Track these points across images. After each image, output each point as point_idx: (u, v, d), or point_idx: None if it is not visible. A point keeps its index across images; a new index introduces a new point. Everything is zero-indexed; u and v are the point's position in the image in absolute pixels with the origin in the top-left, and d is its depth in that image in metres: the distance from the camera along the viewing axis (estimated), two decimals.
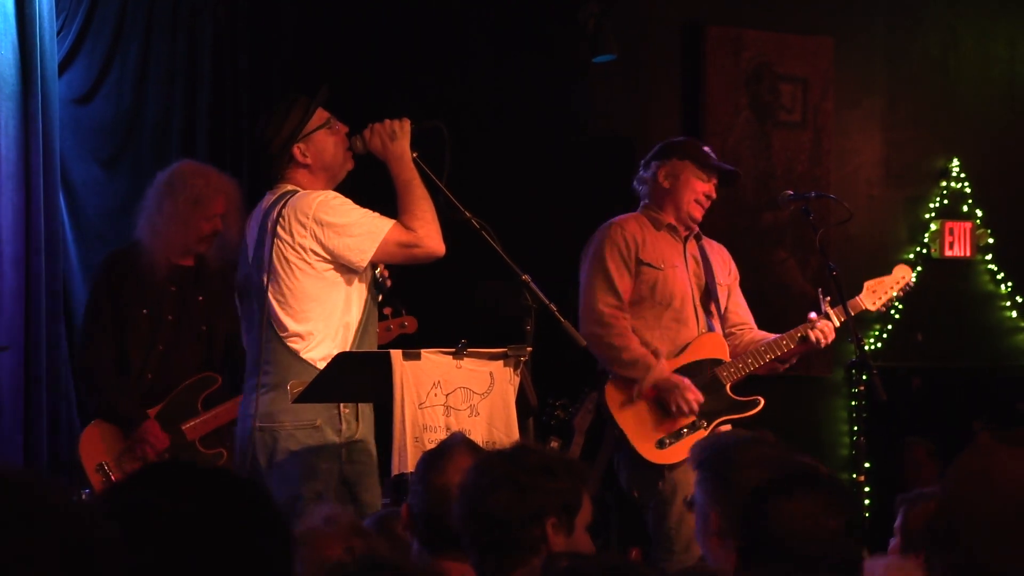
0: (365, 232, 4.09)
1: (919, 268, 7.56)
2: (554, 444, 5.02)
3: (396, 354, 3.86)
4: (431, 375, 3.89)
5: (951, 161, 7.65)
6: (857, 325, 5.11)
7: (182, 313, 5.09)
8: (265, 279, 4.10)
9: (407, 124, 4.21)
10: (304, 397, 3.94)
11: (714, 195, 5.21)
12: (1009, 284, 7.73)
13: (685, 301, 5.13)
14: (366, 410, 4.14)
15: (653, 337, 5.09)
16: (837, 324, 5.12)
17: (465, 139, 4.50)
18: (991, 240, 7.71)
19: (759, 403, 5.12)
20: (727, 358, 5.13)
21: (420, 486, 3.07)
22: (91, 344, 5.07)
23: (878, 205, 7.53)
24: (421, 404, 3.86)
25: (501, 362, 4.00)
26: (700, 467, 3.28)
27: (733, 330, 5.27)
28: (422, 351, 3.90)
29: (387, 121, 4.21)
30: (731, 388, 5.11)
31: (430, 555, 2.96)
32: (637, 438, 5.02)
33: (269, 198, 4.21)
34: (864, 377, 4.93)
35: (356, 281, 4.17)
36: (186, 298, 5.11)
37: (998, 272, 7.73)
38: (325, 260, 4.08)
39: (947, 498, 1.87)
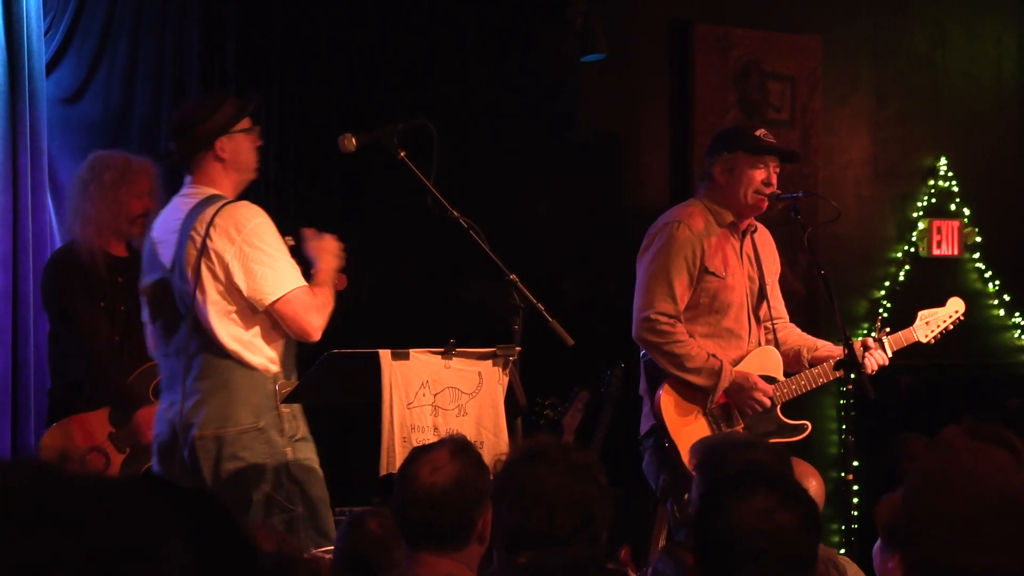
0: (284, 272, 4.05)
1: (907, 267, 7.57)
2: None
3: (385, 354, 3.86)
4: (419, 375, 3.89)
5: (939, 159, 7.66)
6: (846, 324, 5.08)
7: (131, 303, 5.08)
8: (193, 285, 4.04)
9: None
10: (292, 398, 3.94)
11: (774, 181, 4.99)
12: (997, 282, 7.74)
13: (741, 309, 5.03)
14: (300, 408, 4.13)
15: (707, 346, 5.02)
16: (890, 354, 5.01)
17: (453, 138, 4.50)
18: (979, 238, 7.72)
19: (807, 428, 5.03)
20: (781, 377, 5.04)
21: (396, 477, 3.07)
22: (85, 328, 5.04)
23: (866, 203, 7.54)
24: (409, 404, 3.86)
25: (490, 362, 4.01)
26: (696, 470, 3.28)
27: (768, 324, 5.20)
28: (411, 351, 3.90)
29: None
30: (781, 408, 5.03)
31: (409, 548, 2.95)
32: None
33: (189, 200, 4.16)
34: (853, 376, 4.90)
35: None
36: (132, 288, 5.10)
37: (986, 270, 7.74)
38: (233, 283, 4.02)
39: (909, 495, 1.88)
